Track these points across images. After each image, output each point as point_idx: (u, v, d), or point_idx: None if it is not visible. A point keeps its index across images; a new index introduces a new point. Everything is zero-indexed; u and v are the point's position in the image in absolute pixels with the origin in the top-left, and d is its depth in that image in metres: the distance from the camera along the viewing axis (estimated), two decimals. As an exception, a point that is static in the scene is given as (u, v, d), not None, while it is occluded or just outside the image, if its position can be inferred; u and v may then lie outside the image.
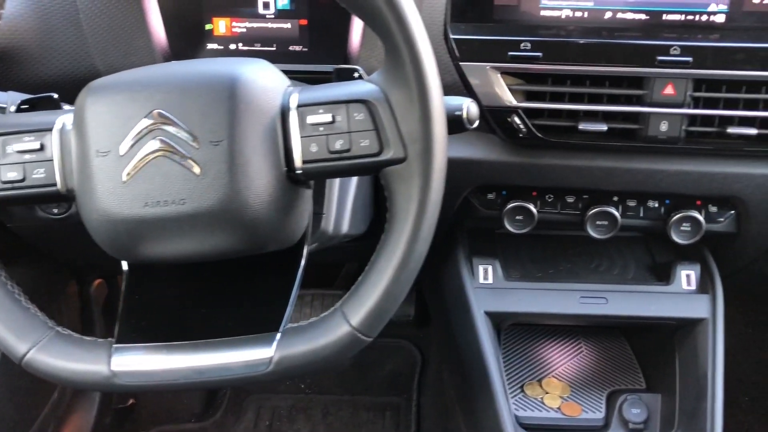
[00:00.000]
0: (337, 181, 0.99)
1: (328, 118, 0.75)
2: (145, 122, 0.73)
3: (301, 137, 0.76)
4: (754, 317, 2.07)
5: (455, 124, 0.84)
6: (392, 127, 0.74)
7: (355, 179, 1.03)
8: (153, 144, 0.72)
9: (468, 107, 0.84)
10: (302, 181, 0.79)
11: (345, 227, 1.02)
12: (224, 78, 0.74)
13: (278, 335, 0.78)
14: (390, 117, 0.74)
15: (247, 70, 0.76)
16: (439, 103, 0.73)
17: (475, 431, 1.26)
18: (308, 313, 1.91)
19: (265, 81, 0.76)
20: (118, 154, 0.73)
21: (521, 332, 1.44)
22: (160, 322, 0.83)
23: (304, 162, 0.76)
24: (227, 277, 0.87)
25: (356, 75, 0.83)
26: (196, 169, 0.72)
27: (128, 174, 0.73)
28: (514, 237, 1.36)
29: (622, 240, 1.35)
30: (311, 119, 0.76)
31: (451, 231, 1.32)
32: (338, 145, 0.75)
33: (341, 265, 2.04)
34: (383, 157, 0.75)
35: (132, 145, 0.73)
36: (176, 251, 0.76)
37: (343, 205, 1.01)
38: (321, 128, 0.76)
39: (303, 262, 0.87)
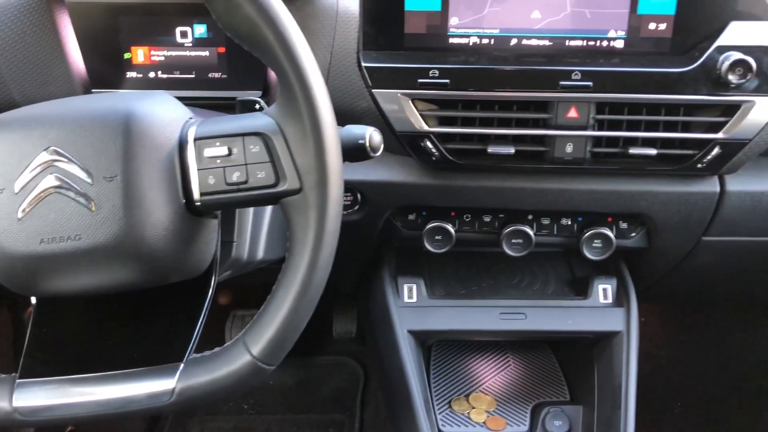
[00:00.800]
0: (251, 208, 1.01)
1: (224, 151, 0.77)
2: (40, 159, 0.73)
3: (199, 170, 0.77)
4: (688, 324, 2.13)
5: (359, 152, 0.87)
6: (287, 159, 0.76)
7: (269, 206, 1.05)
8: (48, 180, 0.73)
9: (371, 135, 0.86)
10: (203, 213, 0.81)
11: (260, 253, 1.03)
12: (118, 113, 0.75)
13: (181, 366, 0.79)
14: (285, 149, 0.76)
15: (143, 105, 0.77)
16: (332, 135, 0.76)
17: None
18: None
19: (162, 115, 0.78)
20: (13, 191, 0.73)
21: (450, 348, 1.46)
22: (65, 355, 0.84)
23: (202, 194, 0.77)
24: (134, 308, 0.88)
25: (257, 107, 0.85)
26: (91, 205, 0.73)
27: (24, 211, 0.73)
28: (439, 255, 1.39)
29: (544, 255, 1.39)
30: (208, 152, 0.77)
31: (378, 251, 1.35)
32: (235, 177, 0.77)
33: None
34: (280, 188, 0.77)
35: (27, 182, 0.73)
36: (76, 286, 0.76)
37: (257, 230, 1.02)
38: (218, 161, 0.77)
39: (211, 291, 0.88)
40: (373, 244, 1.30)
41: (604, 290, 1.28)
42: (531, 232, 1.18)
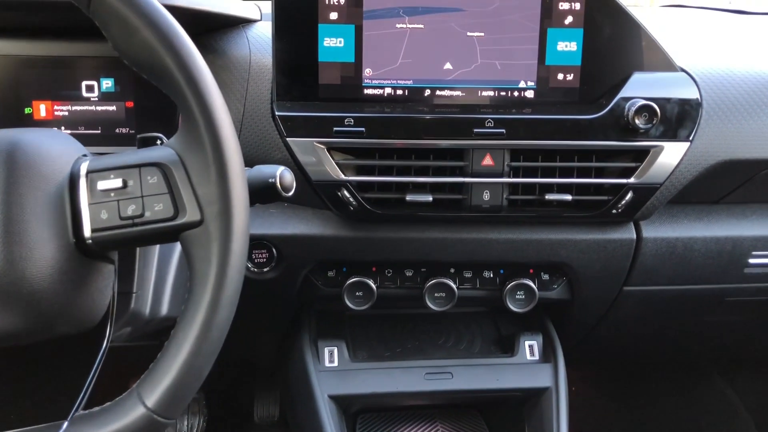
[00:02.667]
0: (155, 255, 0.94)
1: (118, 183, 0.72)
2: None
3: (90, 204, 0.72)
4: (616, 397, 2.12)
5: (270, 192, 0.83)
6: (188, 189, 0.71)
7: (177, 252, 0.98)
8: None
9: (281, 174, 0.83)
10: (96, 253, 0.74)
11: (165, 308, 0.96)
12: (2, 143, 0.69)
13: (65, 425, 0.70)
14: (185, 179, 0.72)
15: (32, 136, 0.72)
16: (236, 163, 0.72)
17: None
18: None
19: (52, 147, 0.73)
20: None
21: (377, 420, 1.38)
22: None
23: (94, 230, 0.71)
24: (17, 365, 0.79)
25: (159, 142, 0.81)
26: None
27: None
28: (362, 317, 1.35)
29: (469, 315, 1.36)
30: (102, 185, 0.72)
31: (297, 315, 1.28)
32: (130, 210, 0.71)
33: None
34: (179, 221, 0.71)
35: None
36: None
37: (162, 282, 0.95)
38: (112, 194, 0.72)
39: (105, 345, 0.80)
40: (291, 307, 1.23)
41: (530, 347, 1.25)
42: (454, 286, 1.15)
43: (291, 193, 0.84)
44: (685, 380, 2.06)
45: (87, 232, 0.71)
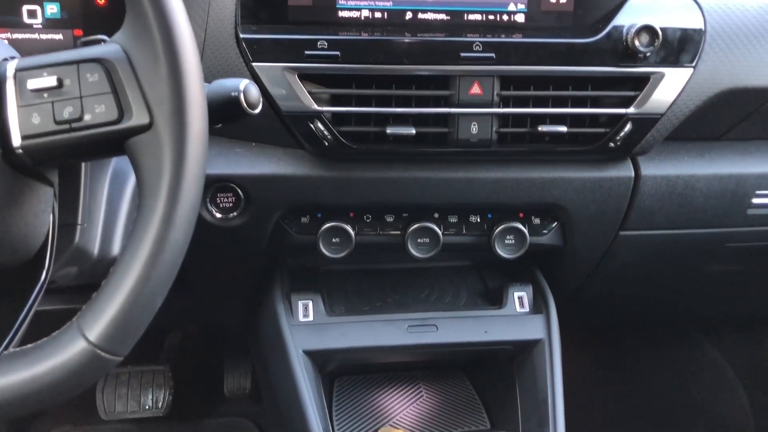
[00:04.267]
0: (104, 184, 0.82)
1: (53, 81, 0.61)
2: None
3: (20, 107, 0.61)
4: (606, 360, 2.06)
5: (233, 108, 0.73)
6: (134, 88, 0.61)
7: (131, 184, 0.87)
8: None
9: (246, 87, 0.73)
10: (30, 169, 0.64)
11: (116, 247, 0.84)
12: None
13: (-9, 363, 0.59)
14: (131, 77, 0.61)
15: None
16: (190, 57, 0.61)
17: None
18: (125, 394, 1.66)
19: None
20: None
21: (356, 382, 1.29)
22: None
23: (24, 137, 0.61)
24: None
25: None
26: None
27: None
28: (339, 273, 1.25)
29: (454, 269, 1.27)
30: (33, 84, 0.62)
31: (269, 270, 1.18)
32: (66, 113, 0.61)
33: (163, 335, 1.82)
34: (124, 124, 0.61)
35: None
36: None
37: (113, 217, 0.84)
38: (45, 94, 0.61)
39: (44, 278, 0.69)
40: (261, 259, 1.13)
41: (519, 298, 1.16)
42: (438, 231, 1.06)
43: (257, 111, 0.75)
44: (673, 343, 2.00)
45: (16, 140, 0.61)
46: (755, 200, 1.10)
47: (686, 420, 1.92)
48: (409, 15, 0.98)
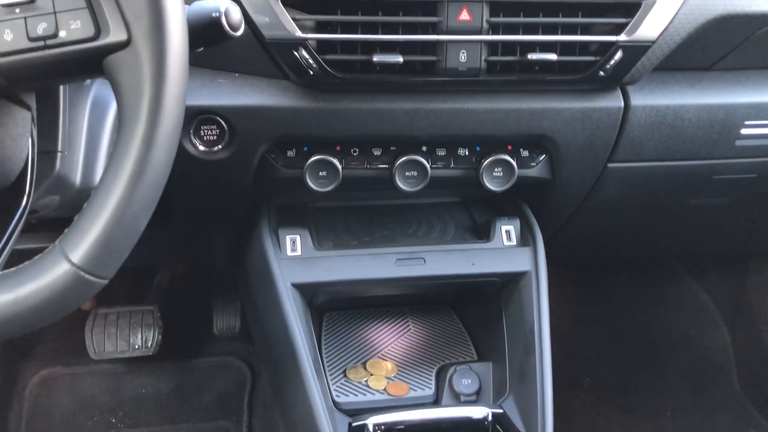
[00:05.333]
0: (84, 111, 0.80)
1: None
2: None
3: None
4: (591, 296, 2.09)
5: (214, 30, 0.71)
6: (111, 3, 0.59)
7: (112, 111, 0.85)
8: None
9: (227, 8, 0.70)
10: (4, 90, 0.62)
11: (99, 176, 0.83)
12: None
13: (-29, 288, 0.58)
14: None
15: None
16: None
17: (288, 422, 1.09)
18: (114, 333, 1.66)
19: None
20: None
21: (345, 317, 1.30)
22: None
23: None
24: None
25: None
26: None
27: None
28: (327, 209, 1.24)
29: (442, 205, 1.27)
30: None
31: (256, 206, 1.17)
32: (41, 29, 0.59)
33: (152, 275, 1.81)
34: (101, 41, 0.59)
35: None
36: None
37: (95, 145, 0.82)
38: (17, 9, 0.59)
39: (24, 203, 0.68)
40: (247, 194, 1.12)
41: (507, 232, 1.16)
42: (426, 164, 1.05)
43: (239, 33, 0.72)
44: (657, 279, 2.03)
45: None
46: (744, 131, 1.10)
47: (668, 353, 1.97)
48: (394, -63, 0.95)
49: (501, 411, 1.03)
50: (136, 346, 1.65)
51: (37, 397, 1.73)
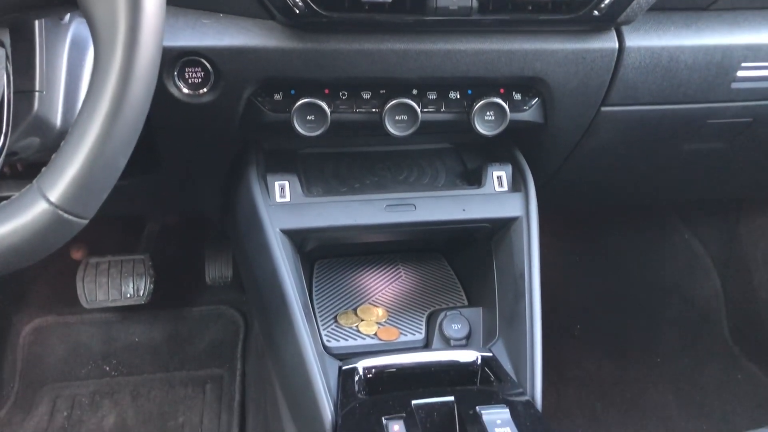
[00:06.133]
0: (63, 50, 0.77)
1: None
2: None
3: None
4: (583, 245, 2.09)
5: None
6: None
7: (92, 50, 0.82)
8: None
9: None
10: None
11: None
12: None
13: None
14: None
15: None
16: None
17: (279, 367, 1.09)
18: (105, 283, 1.66)
19: None
20: None
21: (335, 264, 1.30)
22: None
23: None
24: None
25: None
26: None
27: None
28: (316, 156, 1.23)
29: (433, 152, 1.25)
30: None
31: (244, 152, 1.15)
32: None
33: (143, 225, 1.80)
34: None
35: None
36: None
37: (75, 86, 0.79)
38: None
39: (2, 142, 0.66)
40: (234, 138, 1.10)
41: (498, 178, 1.15)
42: (416, 107, 1.03)
43: None
44: (650, 227, 2.03)
45: None
46: (740, 73, 1.08)
47: (659, 301, 1.98)
48: None
49: (490, 354, 1.03)
50: (128, 295, 1.65)
51: (31, 346, 1.74)
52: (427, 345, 1.12)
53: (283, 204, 1.08)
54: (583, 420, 1.71)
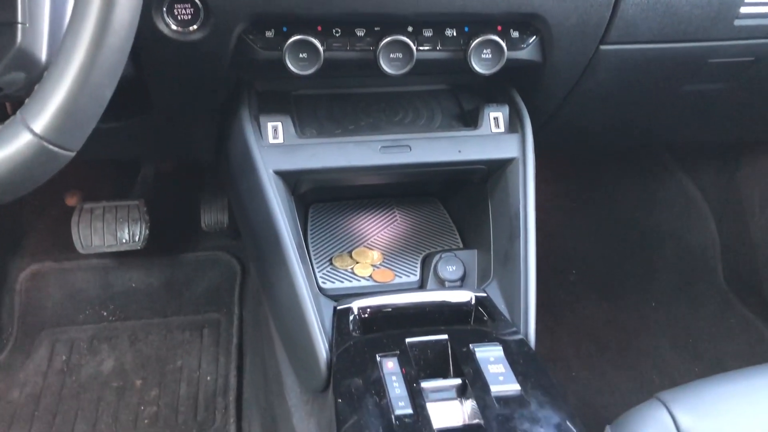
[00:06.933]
0: None
1: None
2: None
3: None
4: (580, 190, 2.08)
5: None
6: None
7: None
8: None
9: None
10: None
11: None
12: None
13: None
14: None
15: None
16: None
17: (274, 307, 1.10)
18: (101, 228, 1.66)
19: None
20: None
21: (330, 208, 1.29)
22: None
23: None
24: None
25: None
26: None
27: None
28: (310, 98, 1.21)
29: (429, 93, 1.23)
30: None
31: (236, 93, 1.13)
32: None
33: (137, 170, 1.79)
34: None
35: None
36: None
37: (60, 19, 0.77)
38: None
39: None
40: (225, 78, 1.07)
41: (495, 119, 1.13)
42: (412, 45, 1.00)
43: None
44: (647, 174, 2.03)
45: None
46: (743, 9, 1.05)
47: (655, 247, 1.99)
48: None
49: (484, 295, 1.03)
50: (124, 240, 1.65)
51: (28, 292, 1.75)
52: (421, 287, 1.12)
53: (276, 145, 1.06)
54: (577, 363, 1.73)
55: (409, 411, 0.80)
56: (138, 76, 1.05)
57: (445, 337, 0.92)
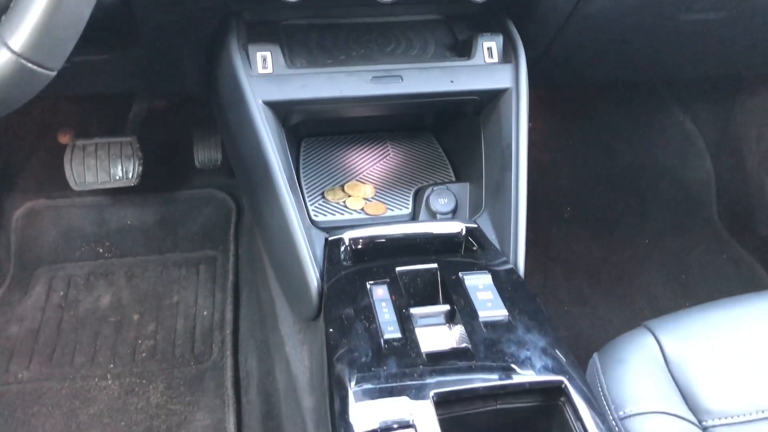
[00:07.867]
0: None
1: None
2: None
3: None
4: (576, 126, 2.07)
5: None
6: None
7: None
8: None
9: None
10: None
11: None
12: None
13: None
14: None
15: None
16: None
17: (266, 239, 1.10)
18: (93, 165, 1.65)
19: None
20: None
21: (322, 143, 1.29)
22: None
23: None
24: None
25: None
26: None
27: None
28: (301, 28, 1.18)
29: (422, 23, 1.21)
30: None
31: (224, 23, 1.11)
32: None
33: (128, 107, 1.77)
34: None
35: None
36: None
37: None
38: None
39: None
40: (213, 6, 1.05)
41: (489, 49, 1.11)
42: (403, -30, 0.98)
43: None
44: (643, 110, 2.01)
45: None
46: (745, -67, 1.02)
47: (650, 183, 1.99)
48: None
49: (475, 225, 1.04)
50: (117, 177, 1.65)
51: (24, 229, 1.75)
52: (413, 219, 1.12)
53: (265, 75, 1.05)
54: (569, 298, 1.75)
55: (398, 335, 0.81)
56: (126, 8, 1.03)
57: (434, 265, 0.92)
